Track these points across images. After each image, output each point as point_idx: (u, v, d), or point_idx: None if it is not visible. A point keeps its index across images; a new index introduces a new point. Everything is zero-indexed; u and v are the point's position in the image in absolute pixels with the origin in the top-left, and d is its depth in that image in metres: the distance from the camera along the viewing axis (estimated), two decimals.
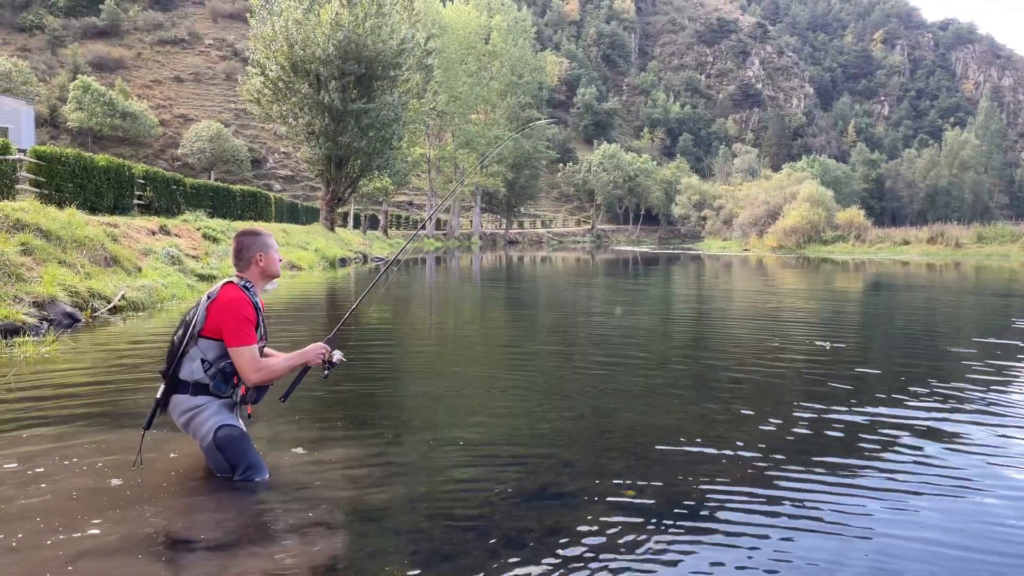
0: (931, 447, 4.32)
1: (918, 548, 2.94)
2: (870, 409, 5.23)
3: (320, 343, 3.68)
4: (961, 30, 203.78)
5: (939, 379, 6.36)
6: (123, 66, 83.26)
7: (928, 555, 2.88)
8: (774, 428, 4.71)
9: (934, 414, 5.08)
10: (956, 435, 4.59)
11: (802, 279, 24.05)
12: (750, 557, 2.85)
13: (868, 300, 16.51)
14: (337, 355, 3.70)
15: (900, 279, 23.70)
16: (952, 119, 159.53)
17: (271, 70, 31.87)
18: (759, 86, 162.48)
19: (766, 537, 3.02)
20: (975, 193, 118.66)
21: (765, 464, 3.98)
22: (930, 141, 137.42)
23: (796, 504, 3.39)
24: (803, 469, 3.89)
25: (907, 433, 4.60)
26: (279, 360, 3.58)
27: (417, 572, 2.64)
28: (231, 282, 3.56)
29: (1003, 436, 4.59)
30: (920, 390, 5.86)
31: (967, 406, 5.35)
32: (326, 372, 3.68)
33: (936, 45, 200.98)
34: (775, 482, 3.70)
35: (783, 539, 3.01)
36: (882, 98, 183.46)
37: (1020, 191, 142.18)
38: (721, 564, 2.77)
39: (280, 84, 32.30)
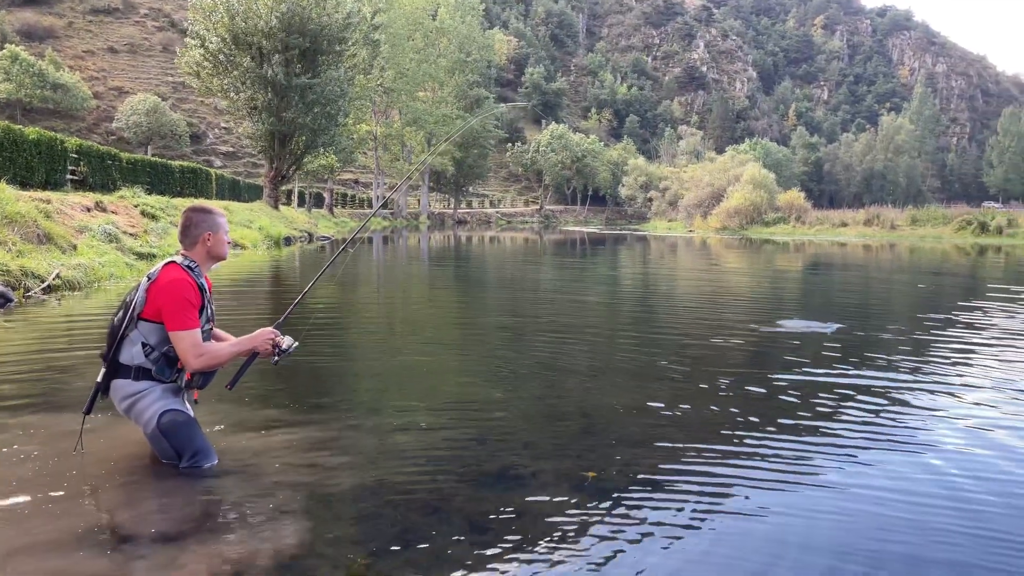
0: (874, 410, 4.43)
1: (872, 501, 2.99)
2: (819, 380, 5.34)
3: (269, 328, 3.52)
4: (898, 16, 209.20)
5: (876, 349, 6.52)
6: (53, 35, 79.52)
7: (881, 504, 2.93)
8: (736, 405, 4.75)
9: (874, 381, 5.21)
10: (895, 399, 4.71)
11: (746, 259, 24.51)
12: (713, 529, 2.86)
13: (808, 279, 16.91)
14: (287, 341, 3.53)
15: (838, 259, 24.34)
16: (888, 104, 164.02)
17: (211, 42, 30.86)
18: (704, 69, 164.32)
19: (729, 512, 3.04)
20: (909, 177, 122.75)
21: (723, 438, 4.01)
22: (867, 126, 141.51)
23: (755, 478, 3.42)
24: (760, 442, 3.93)
25: (852, 399, 4.73)
26: (224, 346, 3.42)
27: (376, 557, 2.57)
28: (173, 262, 3.38)
29: (936, 397, 4.72)
30: (863, 359, 6.00)
31: (902, 374, 5.49)
32: (276, 359, 3.52)
33: (874, 31, 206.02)
34: (734, 456, 3.72)
35: (744, 513, 3.03)
36: (822, 83, 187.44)
37: (951, 175, 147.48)
38: (683, 539, 2.77)
39: (221, 57, 31.31)
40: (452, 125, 64.32)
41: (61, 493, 3.03)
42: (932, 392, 5.23)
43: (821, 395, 5.07)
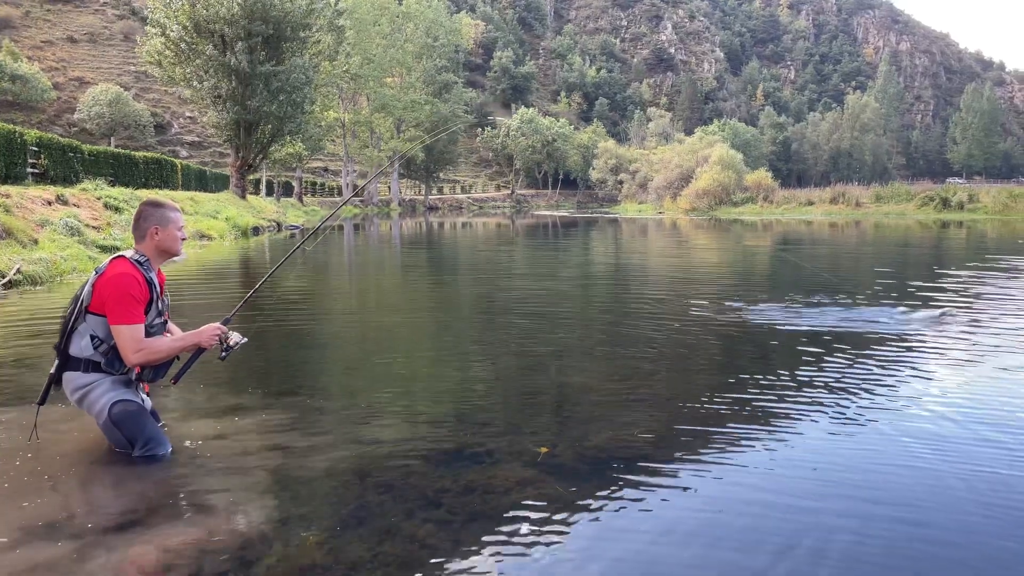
0: (834, 392, 4.56)
1: (820, 482, 3.13)
2: (776, 359, 5.49)
3: (216, 324, 3.52)
4: None
5: (844, 336, 6.70)
6: (10, 26, 77.58)
7: (834, 484, 3.07)
8: (685, 382, 4.89)
9: (837, 367, 5.36)
10: (858, 385, 4.85)
11: (715, 240, 24.78)
12: (665, 500, 2.96)
13: (776, 258, 17.17)
14: (235, 337, 3.53)
15: (805, 238, 24.70)
16: (853, 83, 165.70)
17: (172, 30, 30.34)
18: (672, 50, 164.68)
19: (678, 486, 3.15)
20: (875, 154, 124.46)
21: (676, 415, 4.13)
22: (833, 104, 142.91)
23: (704, 453, 3.53)
24: (712, 419, 4.06)
25: (811, 384, 4.84)
26: (166, 340, 3.42)
27: (328, 535, 2.64)
28: (122, 256, 3.40)
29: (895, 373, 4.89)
30: (826, 342, 6.16)
31: (859, 348, 5.67)
32: (223, 354, 3.51)
33: (839, 10, 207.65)
34: (685, 433, 3.85)
35: (688, 488, 3.15)
36: (788, 63, 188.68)
37: (916, 152, 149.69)
38: (631, 509, 2.88)
39: (183, 45, 30.81)
40: (420, 110, 63.95)
41: (14, 484, 3.05)
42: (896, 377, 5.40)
43: (782, 376, 5.21)
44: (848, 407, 4.28)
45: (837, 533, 2.69)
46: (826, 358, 5.52)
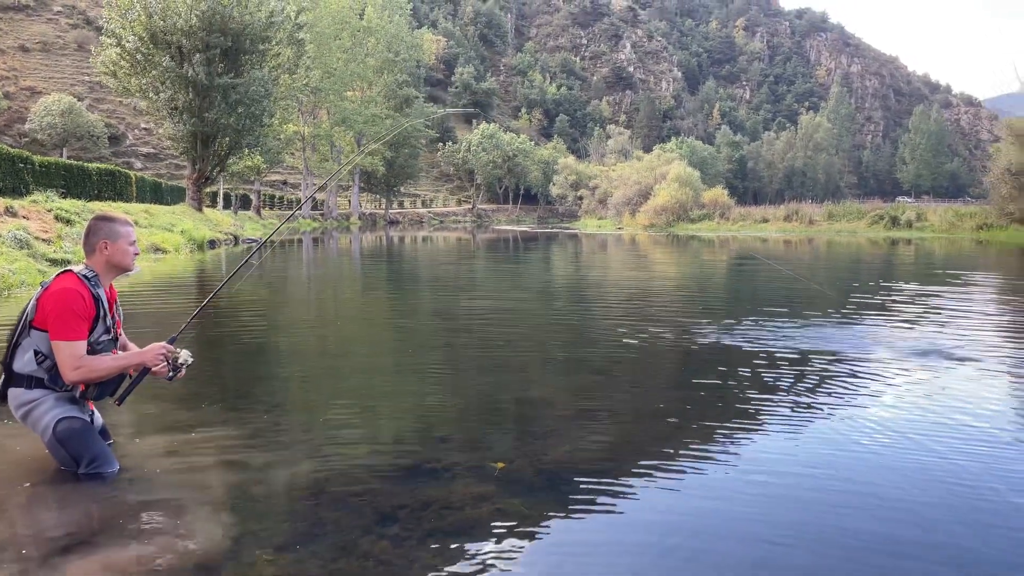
0: (788, 403, 4.65)
1: (788, 485, 3.19)
2: (735, 372, 5.58)
3: (161, 343, 3.43)
4: (815, 19, 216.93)
5: (797, 351, 6.84)
6: None
7: (797, 487, 3.13)
8: (643, 397, 4.94)
9: (794, 377, 5.46)
10: (818, 390, 4.96)
11: (672, 256, 25.10)
12: (621, 514, 2.99)
13: (731, 274, 17.46)
14: (184, 355, 3.44)
15: (760, 254, 25.14)
16: (807, 104, 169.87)
17: (128, 41, 29.85)
18: (631, 69, 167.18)
19: (635, 500, 3.18)
20: (827, 173, 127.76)
21: (633, 430, 4.18)
22: (787, 124, 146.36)
23: (660, 467, 3.57)
24: (669, 435, 4.11)
25: (765, 400, 4.92)
26: (108, 359, 3.32)
27: (281, 552, 2.61)
28: (69, 271, 3.33)
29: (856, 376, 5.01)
30: (781, 357, 6.27)
31: (814, 363, 5.79)
32: (171, 375, 3.42)
33: (793, 33, 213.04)
34: (642, 448, 3.89)
35: (647, 502, 3.18)
36: (744, 83, 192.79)
37: (867, 171, 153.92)
38: (588, 523, 2.90)
39: (139, 56, 30.32)
40: (382, 125, 63.67)
41: None
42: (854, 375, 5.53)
43: (737, 392, 5.29)
44: (801, 423, 4.37)
45: (789, 547, 2.74)
46: (781, 373, 5.63)
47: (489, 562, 2.59)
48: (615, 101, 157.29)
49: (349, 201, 77.13)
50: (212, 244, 26.80)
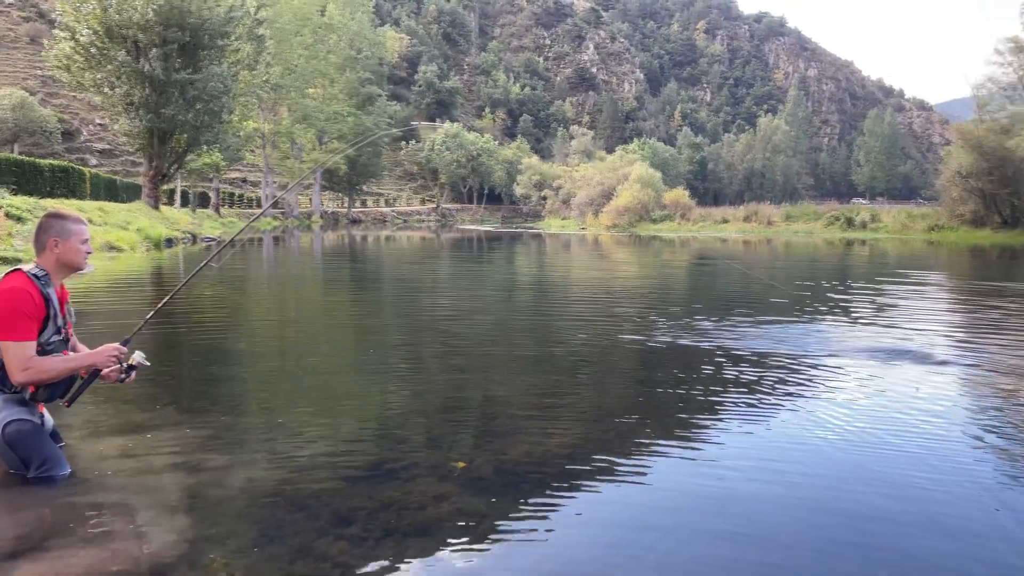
0: (749, 397, 4.73)
1: (742, 479, 3.24)
2: (696, 370, 5.65)
3: (114, 344, 3.36)
4: (773, 23, 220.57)
5: (755, 350, 6.96)
6: None
7: (752, 482, 3.19)
8: (604, 396, 4.98)
9: (751, 372, 5.56)
10: (774, 386, 5.05)
11: (635, 256, 25.31)
12: (579, 513, 3.02)
13: (693, 273, 17.68)
14: (137, 357, 3.37)
15: (720, 254, 25.50)
16: (765, 106, 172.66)
17: (82, 35, 29.11)
18: (594, 70, 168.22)
19: (595, 499, 3.21)
20: (785, 175, 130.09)
21: (594, 429, 4.21)
22: (746, 126, 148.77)
23: (620, 465, 3.60)
24: (629, 433, 4.15)
25: (724, 397, 5.00)
26: (57, 360, 3.24)
27: (235, 556, 2.57)
28: (18, 270, 3.24)
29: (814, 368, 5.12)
30: (740, 356, 6.38)
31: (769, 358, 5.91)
32: (123, 377, 3.36)
33: (752, 36, 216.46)
34: (602, 446, 3.92)
35: (607, 500, 3.21)
36: (705, 85, 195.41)
37: (824, 173, 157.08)
38: (549, 522, 2.92)
39: (93, 50, 29.58)
40: (343, 122, 63.18)
41: None
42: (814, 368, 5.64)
43: (697, 389, 5.36)
44: (760, 419, 4.45)
45: (749, 541, 2.79)
46: (740, 371, 5.72)
47: (448, 562, 2.59)
48: (578, 102, 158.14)
49: (310, 199, 76.34)
50: (169, 243, 26.33)
